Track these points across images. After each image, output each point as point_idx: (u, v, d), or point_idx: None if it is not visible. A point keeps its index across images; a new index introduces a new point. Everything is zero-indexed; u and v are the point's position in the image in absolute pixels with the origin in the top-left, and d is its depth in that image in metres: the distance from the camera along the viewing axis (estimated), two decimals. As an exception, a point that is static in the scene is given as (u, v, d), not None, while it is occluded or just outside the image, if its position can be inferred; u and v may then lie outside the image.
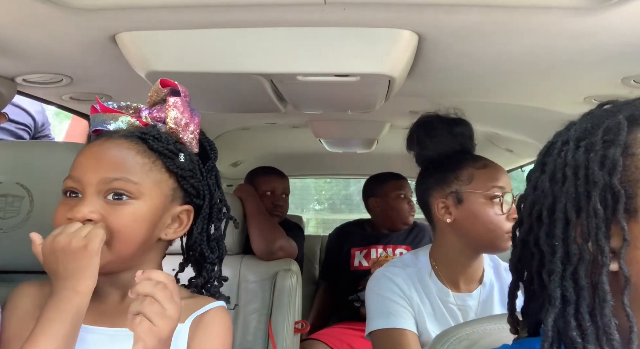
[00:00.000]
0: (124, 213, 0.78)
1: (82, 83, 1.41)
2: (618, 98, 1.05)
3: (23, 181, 0.97)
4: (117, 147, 0.82)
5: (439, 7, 0.91)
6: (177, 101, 0.87)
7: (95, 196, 0.78)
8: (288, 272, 1.60)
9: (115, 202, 0.79)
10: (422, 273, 1.34)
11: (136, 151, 0.82)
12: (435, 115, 1.38)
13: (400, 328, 1.25)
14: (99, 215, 0.77)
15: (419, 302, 1.30)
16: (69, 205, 0.79)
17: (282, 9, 0.93)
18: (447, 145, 1.33)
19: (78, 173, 0.79)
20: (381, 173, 2.47)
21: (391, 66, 1.03)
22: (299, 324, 1.57)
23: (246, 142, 2.71)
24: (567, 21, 0.95)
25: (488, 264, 1.36)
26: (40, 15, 0.95)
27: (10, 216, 0.96)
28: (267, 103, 1.27)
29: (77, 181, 0.79)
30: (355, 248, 2.33)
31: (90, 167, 0.79)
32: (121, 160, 0.80)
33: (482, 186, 1.25)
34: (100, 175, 0.78)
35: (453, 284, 1.31)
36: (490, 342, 0.81)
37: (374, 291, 1.33)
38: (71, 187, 0.80)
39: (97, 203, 0.78)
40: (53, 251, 0.74)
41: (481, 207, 1.25)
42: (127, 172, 0.80)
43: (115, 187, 0.79)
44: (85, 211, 0.76)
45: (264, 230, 1.70)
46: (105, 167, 0.79)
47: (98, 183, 0.78)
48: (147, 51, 1.05)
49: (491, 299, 1.32)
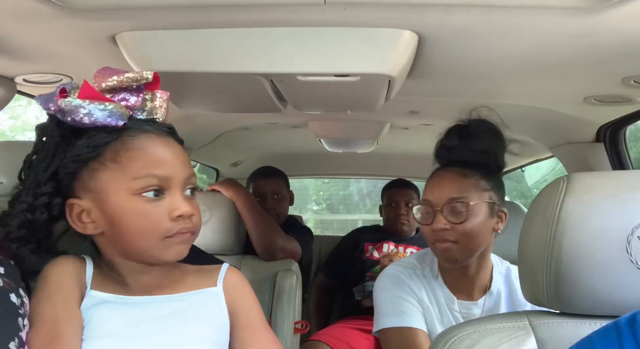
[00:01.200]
0: (197, 206, 0.83)
1: (82, 83, 1.41)
2: (618, 98, 1.06)
3: (23, 181, 0.96)
4: (176, 143, 0.83)
5: (439, 7, 0.91)
6: (167, 95, 0.85)
7: (182, 193, 0.81)
8: (288, 272, 1.60)
9: (191, 197, 0.83)
10: (429, 276, 1.32)
11: (181, 147, 0.85)
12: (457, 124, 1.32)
13: (412, 327, 1.24)
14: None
15: (428, 303, 1.29)
16: (160, 203, 0.78)
17: (282, 9, 0.93)
18: (441, 157, 1.33)
19: (165, 171, 0.78)
20: (391, 181, 2.56)
21: (391, 66, 1.03)
22: (299, 324, 1.57)
23: (246, 142, 2.71)
24: (567, 21, 0.95)
25: (498, 271, 1.33)
26: (41, 15, 0.95)
27: (10, 216, 0.95)
28: (267, 103, 1.27)
29: (165, 180, 0.78)
30: (369, 243, 2.39)
31: (177, 164, 0.80)
32: (187, 157, 0.84)
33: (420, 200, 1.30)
34: (186, 173, 0.81)
35: (458, 291, 1.30)
36: (491, 341, 0.81)
37: (384, 288, 1.31)
38: (157, 185, 0.78)
39: (186, 200, 0.81)
40: None
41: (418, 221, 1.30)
42: (191, 167, 0.84)
43: (193, 182, 0.83)
44: (190, 208, 0.80)
45: (259, 229, 1.68)
46: (185, 164, 0.82)
47: (185, 180, 0.81)
48: (147, 51, 1.05)
49: (498, 307, 1.29)
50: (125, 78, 0.79)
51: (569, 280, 0.77)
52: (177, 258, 0.82)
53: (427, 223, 1.24)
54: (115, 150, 0.77)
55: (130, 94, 0.80)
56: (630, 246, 0.75)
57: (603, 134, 1.82)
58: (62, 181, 0.79)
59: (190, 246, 0.83)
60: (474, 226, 1.20)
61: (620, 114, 1.64)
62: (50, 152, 0.79)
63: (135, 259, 0.82)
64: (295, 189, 2.45)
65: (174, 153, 0.81)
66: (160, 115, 0.83)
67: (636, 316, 0.66)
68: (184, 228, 0.79)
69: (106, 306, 0.81)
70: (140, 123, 0.81)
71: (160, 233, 0.78)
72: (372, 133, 2.28)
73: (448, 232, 1.20)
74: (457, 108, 1.30)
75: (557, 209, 0.78)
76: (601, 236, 0.76)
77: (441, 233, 1.21)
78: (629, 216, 0.76)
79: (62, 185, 0.79)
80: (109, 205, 0.77)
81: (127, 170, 0.77)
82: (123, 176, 0.77)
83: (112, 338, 0.78)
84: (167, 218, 0.78)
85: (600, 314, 0.79)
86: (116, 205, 0.77)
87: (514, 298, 1.30)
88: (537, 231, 0.81)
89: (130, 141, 0.78)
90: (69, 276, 0.80)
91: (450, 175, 1.25)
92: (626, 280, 0.75)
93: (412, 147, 2.64)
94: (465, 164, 1.25)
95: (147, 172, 0.77)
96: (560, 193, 0.79)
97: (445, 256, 1.24)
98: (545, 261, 0.79)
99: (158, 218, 0.77)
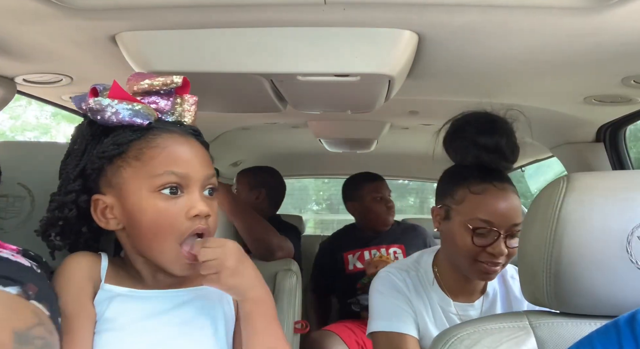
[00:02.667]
0: (215, 208, 0.83)
1: (82, 83, 1.41)
2: (618, 98, 1.06)
3: (24, 181, 0.97)
4: (198, 143, 0.84)
5: (439, 7, 0.91)
6: (195, 100, 0.89)
7: (201, 192, 0.81)
8: (288, 272, 1.60)
9: (210, 197, 0.83)
10: (424, 279, 1.32)
11: (204, 148, 0.86)
12: (469, 116, 1.22)
13: (401, 333, 1.24)
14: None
15: (421, 307, 1.28)
16: (178, 201, 0.79)
17: (282, 9, 0.93)
18: (464, 156, 1.21)
19: (185, 170, 0.79)
20: (357, 174, 2.44)
21: (391, 66, 1.03)
22: (299, 324, 1.57)
23: (246, 142, 2.71)
24: (567, 21, 0.95)
25: None
26: (41, 15, 0.95)
27: (11, 216, 0.96)
28: (267, 103, 1.27)
29: (184, 178, 0.79)
30: (348, 252, 2.30)
31: (197, 163, 0.81)
32: (208, 157, 0.85)
33: (467, 213, 1.16)
34: (206, 172, 0.82)
35: (454, 293, 1.29)
36: (491, 341, 0.81)
37: (377, 290, 1.32)
38: (175, 183, 0.79)
39: (204, 200, 0.81)
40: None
41: (459, 230, 1.17)
42: (211, 168, 0.84)
43: (213, 183, 0.83)
44: (207, 208, 0.80)
45: (253, 232, 1.66)
46: (205, 164, 0.83)
47: (204, 180, 0.81)
48: (147, 51, 1.05)
49: (494, 308, 1.29)
50: (156, 82, 0.83)
51: (569, 279, 0.77)
52: (186, 273, 0.82)
53: (484, 244, 1.14)
54: (139, 148, 0.80)
55: (161, 97, 0.84)
56: (630, 246, 0.75)
57: (603, 134, 1.82)
58: (89, 178, 0.82)
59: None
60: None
61: (620, 114, 1.64)
62: (81, 150, 0.84)
63: (148, 257, 0.83)
64: (295, 189, 2.45)
65: (194, 153, 0.82)
66: (188, 119, 0.87)
67: (635, 315, 0.66)
68: (198, 229, 0.80)
69: (119, 299, 0.82)
70: (166, 124, 0.84)
71: (176, 233, 0.79)
72: (372, 133, 2.28)
73: (503, 257, 1.15)
74: (457, 108, 1.30)
75: (557, 209, 0.78)
76: (601, 236, 0.76)
77: (498, 258, 1.14)
78: (629, 216, 0.76)
79: (89, 182, 0.83)
80: (128, 201, 0.80)
81: (148, 167, 0.79)
82: (143, 173, 0.79)
83: (123, 330, 0.80)
84: (183, 217, 0.79)
85: (600, 314, 0.79)
86: (136, 201, 0.79)
87: (510, 298, 1.30)
88: (537, 231, 0.81)
89: (153, 140, 0.81)
90: (82, 272, 0.81)
91: (511, 195, 1.15)
92: (626, 280, 0.75)
93: (412, 147, 2.64)
94: (506, 165, 1.18)
95: (166, 169, 0.79)
96: (560, 193, 0.79)
97: (486, 275, 1.18)
98: (545, 261, 0.79)
99: (174, 216, 0.79)
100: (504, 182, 1.17)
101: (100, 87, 0.83)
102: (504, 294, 1.31)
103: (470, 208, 1.16)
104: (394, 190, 2.55)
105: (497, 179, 1.17)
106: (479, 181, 1.17)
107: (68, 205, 0.83)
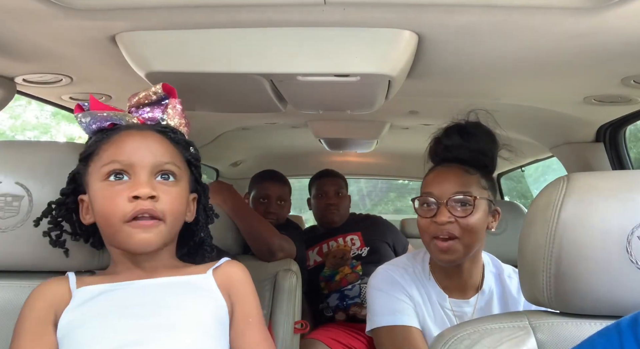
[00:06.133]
0: (172, 193, 0.87)
1: (82, 83, 1.41)
2: (618, 98, 1.05)
3: (22, 180, 0.97)
4: (155, 136, 0.90)
5: (439, 7, 0.91)
6: (178, 102, 0.94)
7: (149, 177, 0.85)
8: (288, 272, 1.60)
9: (165, 182, 0.87)
10: (421, 275, 1.33)
11: (168, 141, 0.91)
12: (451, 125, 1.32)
13: (406, 325, 1.25)
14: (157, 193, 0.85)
15: (420, 301, 1.30)
16: (121, 186, 0.84)
17: (282, 9, 0.93)
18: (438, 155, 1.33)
19: (128, 157, 0.85)
20: (319, 172, 2.44)
21: (391, 66, 1.03)
22: (299, 324, 1.57)
23: (246, 142, 2.71)
24: (567, 21, 0.95)
25: (490, 270, 1.34)
26: (41, 15, 0.95)
27: (9, 215, 0.96)
28: (267, 103, 1.27)
29: (128, 165, 0.85)
30: (309, 249, 2.27)
31: (142, 151, 0.86)
32: (166, 147, 0.89)
33: (421, 193, 1.28)
34: (154, 159, 0.86)
35: (448, 288, 1.31)
36: (491, 341, 0.81)
37: (376, 287, 1.32)
38: (119, 170, 0.85)
39: (152, 183, 0.85)
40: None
41: (417, 209, 1.29)
42: (172, 157, 0.89)
43: (167, 169, 0.87)
44: (148, 190, 0.83)
45: (254, 231, 1.66)
46: (156, 152, 0.87)
47: (153, 166, 0.86)
48: (147, 51, 1.05)
49: (490, 306, 1.30)
50: (141, 95, 0.92)
51: (569, 280, 0.77)
52: (143, 247, 0.84)
53: (429, 216, 1.23)
54: (100, 146, 0.89)
55: (150, 107, 0.93)
56: (630, 246, 0.75)
57: (603, 134, 1.82)
58: (77, 181, 0.91)
59: (161, 237, 0.85)
60: (477, 221, 1.21)
61: (620, 114, 1.65)
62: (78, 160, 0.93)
63: (116, 246, 0.88)
64: (295, 189, 2.44)
65: (144, 143, 0.87)
66: (174, 122, 0.94)
67: (637, 318, 0.66)
68: (141, 210, 0.82)
69: (95, 298, 0.85)
70: (129, 124, 0.91)
71: (119, 215, 0.82)
72: (372, 133, 2.28)
73: (452, 226, 1.20)
74: (457, 108, 1.30)
75: (557, 209, 0.78)
76: (601, 236, 0.76)
77: (444, 227, 1.20)
78: (629, 216, 0.76)
79: (78, 186, 0.91)
80: (90, 194, 0.88)
81: (101, 160, 0.87)
82: (97, 167, 0.87)
83: (99, 318, 0.82)
84: (125, 200, 0.83)
85: (600, 314, 0.79)
86: (93, 191, 0.87)
87: (507, 297, 1.31)
88: (537, 231, 0.81)
89: (111, 136, 0.89)
90: (43, 303, 0.85)
91: (454, 170, 1.25)
92: (626, 280, 0.75)
93: (412, 147, 2.64)
94: (464, 162, 1.26)
95: (112, 159, 0.85)
96: (560, 193, 0.79)
97: (443, 252, 1.22)
98: (545, 261, 0.79)
99: (117, 198, 0.83)
100: (452, 163, 1.28)
101: (85, 105, 0.92)
102: (501, 293, 1.32)
103: (422, 188, 1.29)
104: (395, 190, 2.55)
105: (447, 162, 1.29)
106: (434, 167, 1.31)
107: (59, 206, 0.92)
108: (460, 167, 1.25)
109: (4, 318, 0.94)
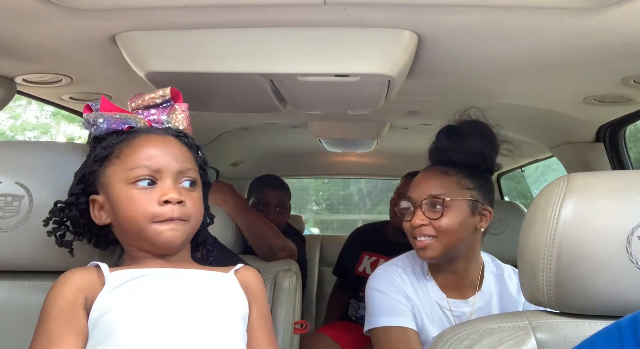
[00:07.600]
0: (194, 198, 0.90)
1: (82, 83, 1.41)
2: (618, 98, 1.05)
3: (22, 180, 0.97)
4: (175, 142, 0.92)
5: (439, 7, 0.91)
6: (186, 107, 0.96)
7: (174, 183, 0.88)
8: (288, 272, 1.60)
9: (189, 188, 0.90)
10: (419, 274, 1.34)
11: (186, 147, 0.93)
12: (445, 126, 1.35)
13: (402, 326, 1.26)
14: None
15: (418, 301, 1.30)
16: (149, 190, 0.87)
17: (282, 9, 0.93)
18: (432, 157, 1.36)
19: (157, 163, 0.88)
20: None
21: (391, 66, 1.03)
22: (299, 324, 1.57)
23: (246, 141, 2.71)
24: (567, 21, 0.95)
25: (490, 271, 1.35)
26: (41, 15, 0.95)
27: (9, 215, 0.96)
28: (267, 103, 1.27)
29: (156, 170, 0.87)
30: (366, 253, 2.20)
31: (168, 157, 0.89)
32: (185, 153, 0.92)
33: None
34: (179, 166, 0.89)
35: (446, 288, 1.31)
36: (491, 341, 0.81)
37: (374, 288, 1.33)
38: (148, 175, 0.87)
39: (177, 188, 0.88)
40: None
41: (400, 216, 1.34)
42: (192, 163, 0.92)
43: (190, 176, 0.90)
44: (177, 195, 0.86)
45: (255, 231, 1.66)
46: (179, 158, 0.90)
47: (178, 172, 0.89)
48: (147, 51, 1.05)
49: (489, 306, 1.30)
50: (147, 97, 0.94)
51: (569, 280, 0.77)
52: (169, 243, 0.87)
53: (408, 219, 1.29)
54: (120, 149, 0.90)
55: (156, 109, 0.95)
56: (630, 246, 0.75)
57: (603, 134, 1.82)
58: (87, 181, 0.92)
59: (185, 235, 0.89)
60: (451, 222, 1.24)
61: (619, 114, 1.65)
62: (85, 160, 0.95)
63: (137, 245, 0.90)
64: (295, 189, 2.44)
65: (168, 149, 0.90)
66: (180, 125, 0.95)
67: (638, 318, 0.65)
68: (172, 217, 0.86)
69: (129, 281, 0.86)
70: (148, 128, 0.93)
71: (149, 217, 0.85)
72: (372, 133, 2.28)
73: (426, 227, 1.25)
74: (457, 108, 1.30)
75: (557, 209, 0.78)
76: (601, 236, 0.76)
77: (420, 228, 1.25)
78: (629, 216, 0.76)
79: (88, 186, 0.92)
80: (111, 195, 0.89)
81: (125, 163, 0.88)
82: (121, 169, 0.88)
83: (137, 300, 0.84)
84: (155, 204, 0.86)
85: (600, 314, 0.79)
86: (116, 193, 0.88)
87: (506, 298, 1.31)
88: (537, 231, 0.81)
89: (132, 140, 0.90)
90: (71, 288, 0.85)
91: (431, 173, 1.30)
92: (626, 280, 0.75)
93: (412, 147, 2.64)
94: (452, 163, 1.28)
95: (140, 164, 0.87)
96: (560, 193, 0.79)
97: (422, 250, 1.27)
98: (545, 261, 0.79)
99: (147, 203, 0.86)
100: (434, 166, 1.32)
101: (93, 104, 0.94)
102: (500, 293, 1.32)
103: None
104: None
105: (440, 164, 1.31)
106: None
107: (69, 206, 0.92)
108: (440, 169, 1.29)
109: (4, 318, 0.94)
